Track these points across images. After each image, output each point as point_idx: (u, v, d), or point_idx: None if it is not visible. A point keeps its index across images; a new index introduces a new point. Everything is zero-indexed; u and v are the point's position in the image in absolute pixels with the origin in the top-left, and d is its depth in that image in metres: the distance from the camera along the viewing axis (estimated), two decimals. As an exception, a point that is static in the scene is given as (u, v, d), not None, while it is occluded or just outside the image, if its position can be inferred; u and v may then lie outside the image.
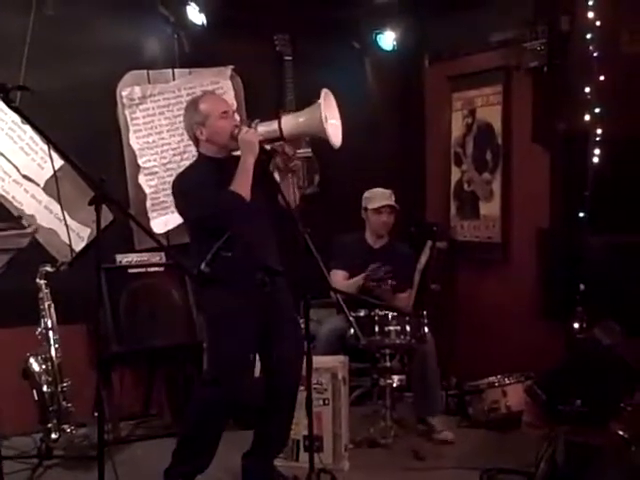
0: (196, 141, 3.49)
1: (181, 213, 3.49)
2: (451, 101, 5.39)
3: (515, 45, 4.75)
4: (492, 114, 5.08)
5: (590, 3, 4.27)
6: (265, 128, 3.39)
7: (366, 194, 4.68)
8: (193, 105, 3.48)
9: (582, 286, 4.13)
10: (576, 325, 4.13)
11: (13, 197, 4.40)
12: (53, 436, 3.81)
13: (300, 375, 3.50)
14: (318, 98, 3.38)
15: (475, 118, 5.23)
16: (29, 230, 2.93)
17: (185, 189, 3.38)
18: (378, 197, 4.63)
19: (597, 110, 4.25)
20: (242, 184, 3.25)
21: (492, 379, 4.46)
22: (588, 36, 4.27)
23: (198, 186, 3.31)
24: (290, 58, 5.10)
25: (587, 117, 4.28)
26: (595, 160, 4.24)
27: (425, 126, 5.69)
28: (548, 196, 4.71)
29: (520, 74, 4.83)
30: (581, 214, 4.22)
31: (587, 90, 4.27)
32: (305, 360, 3.27)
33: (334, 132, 3.37)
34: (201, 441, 3.42)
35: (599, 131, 4.25)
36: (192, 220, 3.41)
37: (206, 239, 3.12)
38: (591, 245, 4.17)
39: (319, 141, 3.49)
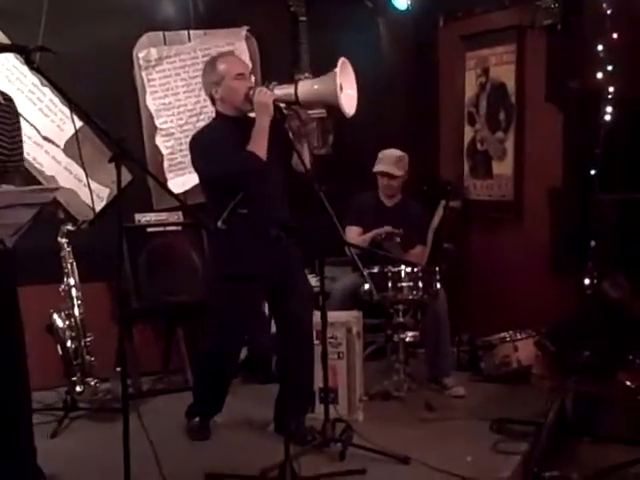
0: (212, 100, 3.58)
1: (198, 170, 3.58)
2: (465, 60, 5.40)
3: (528, 3, 4.75)
4: (505, 73, 5.09)
5: (604, -40, 4.27)
6: (281, 91, 3.47)
7: (379, 154, 4.73)
8: (211, 64, 3.57)
9: (593, 242, 4.18)
10: (587, 281, 4.19)
11: (34, 159, 4.49)
12: (78, 389, 3.91)
13: (311, 328, 3.63)
14: (334, 61, 3.44)
15: (489, 77, 5.24)
16: (53, 185, 3.01)
17: (203, 147, 3.48)
18: (384, 160, 4.68)
19: (609, 68, 4.26)
20: (259, 144, 3.35)
21: (504, 334, 4.54)
22: (601, -7, 4.28)
23: (215, 145, 3.40)
24: (304, 19, 5.11)
25: (600, 75, 4.30)
26: (607, 118, 4.27)
27: (439, 86, 5.70)
28: (561, 154, 4.74)
29: (534, 32, 4.83)
30: (592, 172, 4.26)
31: (600, 48, 4.28)
32: (320, 315, 3.42)
33: (348, 102, 3.44)
34: (208, 387, 3.72)
35: (611, 89, 4.27)
36: (209, 178, 3.50)
37: (222, 197, 3.23)
38: (602, 202, 4.21)
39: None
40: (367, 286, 4.02)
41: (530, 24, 4.81)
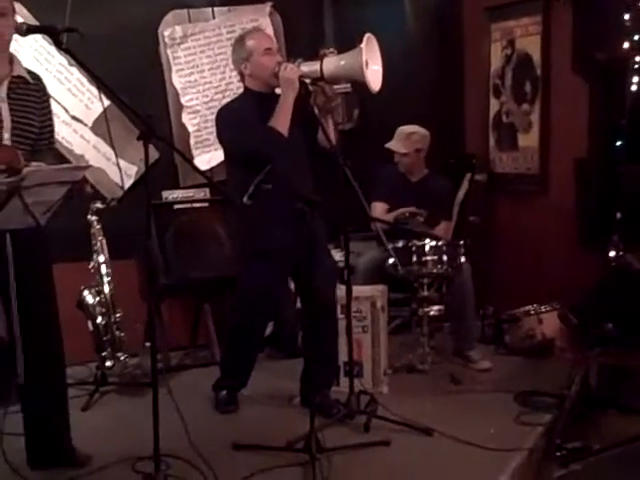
0: (241, 75, 3.64)
1: (222, 143, 3.66)
2: (490, 32, 5.36)
3: (554, -26, 4.71)
4: (531, 44, 5.04)
5: None
6: (307, 68, 3.52)
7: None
8: (240, 41, 3.64)
9: (618, 214, 4.16)
10: (612, 253, 4.17)
11: (63, 137, 4.56)
12: (108, 364, 4.00)
13: (334, 302, 3.69)
14: (358, 36, 3.46)
15: (514, 49, 5.19)
16: (83, 164, 3.09)
17: (227, 120, 3.56)
18: (395, 137, 4.69)
19: (636, 38, 4.21)
20: (280, 120, 3.40)
21: (528, 307, 4.56)
22: (628, -38, 4.22)
23: (240, 118, 3.48)
24: (329, -6, 5.14)
25: (626, 45, 4.25)
26: (633, 89, 4.22)
27: (464, 58, 5.65)
28: (586, 126, 4.69)
29: (559, 3, 4.76)
30: (618, 143, 4.23)
31: (626, 17, 4.23)
32: (345, 289, 3.47)
33: (374, 77, 3.47)
34: (235, 360, 3.81)
35: (638, 59, 4.22)
36: (231, 150, 3.58)
37: (245, 172, 3.29)
38: (628, 173, 4.19)
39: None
40: (392, 260, 4.05)
41: (556, -5, 4.77)
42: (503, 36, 5.27)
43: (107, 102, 4.55)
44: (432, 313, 4.31)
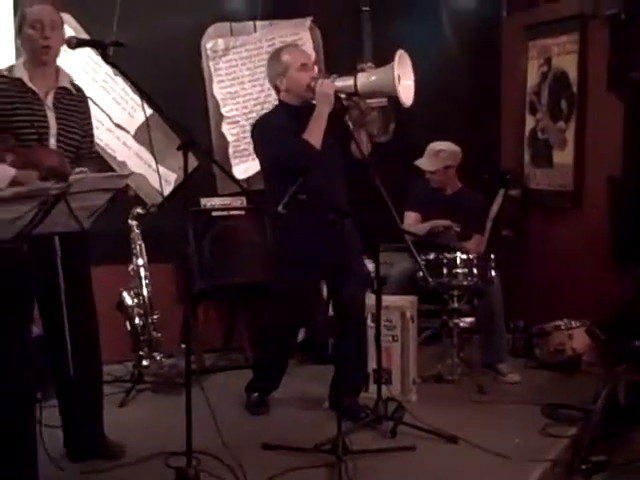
0: (277, 89, 3.74)
1: (257, 154, 3.78)
2: (527, 50, 5.41)
3: (592, -8, 4.76)
4: (568, 62, 5.08)
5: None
6: (341, 83, 3.61)
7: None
8: (276, 56, 3.74)
9: (650, 233, 4.19)
10: (643, 271, 4.20)
11: (106, 144, 4.71)
12: (144, 363, 4.14)
13: (364, 312, 3.76)
14: (394, 53, 3.54)
15: (551, 66, 5.24)
16: (126, 172, 3.23)
17: (263, 132, 3.67)
18: (425, 155, 4.76)
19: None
20: (314, 133, 3.51)
21: (559, 322, 4.58)
22: (665, -17, 4.26)
23: (276, 131, 3.58)
24: (367, 8, 5.20)
25: (661, 65, 4.29)
26: (667, 108, 4.26)
27: (501, 74, 5.72)
28: (621, 144, 4.72)
29: (596, 22, 4.81)
30: (651, 161, 4.27)
31: (662, 38, 4.27)
32: (375, 299, 3.56)
33: (406, 93, 3.56)
34: (267, 362, 3.90)
35: (672, 79, 4.25)
36: (266, 161, 3.69)
37: (281, 183, 3.40)
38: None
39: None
40: (421, 273, 4.11)
41: (593, 13, 4.80)
42: (540, 54, 5.32)
43: (149, 111, 4.68)
44: (462, 325, 4.37)
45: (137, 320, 4.17)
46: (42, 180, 2.82)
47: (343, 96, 3.61)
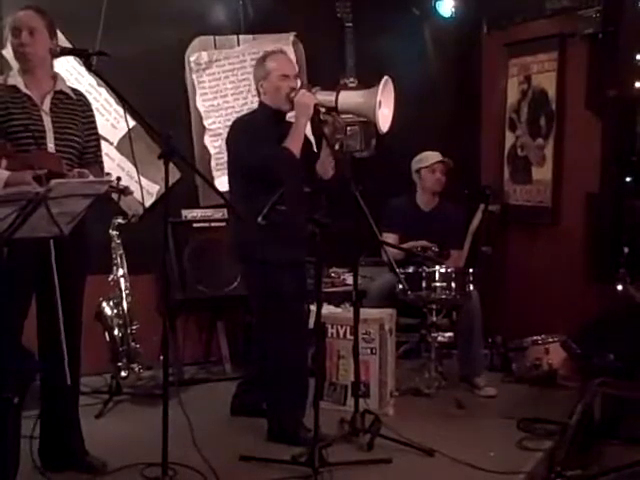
0: (258, 91, 3.76)
1: (231, 154, 3.71)
2: (508, 67, 5.48)
3: (570, 13, 4.82)
4: (547, 81, 5.15)
5: (643, -30, 4.33)
6: (323, 97, 3.64)
7: (416, 158, 4.85)
8: (262, 59, 3.76)
9: (626, 249, 4.24)
10: (619, 287, 4.25)
11: (88, 155, 4.72)
12: (122, 374, 4.12)
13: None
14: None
15: (530, 84, 5.31)
16: (106, 178, 3.23)
17: (241, 133, 3.64)
18: (430, 157, 4.80)
19: (647, 77, 4.33)
20: (295, 142, 3.53)
21: (536, 337, 4.62)
22: (641, 3, 4.34)
23: (254, 133, 3.57)
24: (351, 24, 5.23)
25: (638, 84, 4.37)
26: (644, 126, 4.33)
27: (481, 92, 5.79)
28: (599, 161, 4.78)
29: (575, 41, 4.89)
30: (628, 179, 4.33)
31: (638, 57, 4.35)
32: (353, 311, 3.58)
33: (384, 119, 3.60)
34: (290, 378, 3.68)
35: (649, 98, 4.33)
36: (242, 163, 3.61)
37: (257, 193, 3.41)
38: (636, 209, 4.27)
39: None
40: (400, 286, 4.14)
41: (572, 33, 4.88)
42: (520, 71, 5.39)
43: (132, 122, 4.69)
44: (440, 339, 4.40)
45: (116, 331, 4.15)
46: (37, 182, 2.82)
47: (323, 110, 3.64)
